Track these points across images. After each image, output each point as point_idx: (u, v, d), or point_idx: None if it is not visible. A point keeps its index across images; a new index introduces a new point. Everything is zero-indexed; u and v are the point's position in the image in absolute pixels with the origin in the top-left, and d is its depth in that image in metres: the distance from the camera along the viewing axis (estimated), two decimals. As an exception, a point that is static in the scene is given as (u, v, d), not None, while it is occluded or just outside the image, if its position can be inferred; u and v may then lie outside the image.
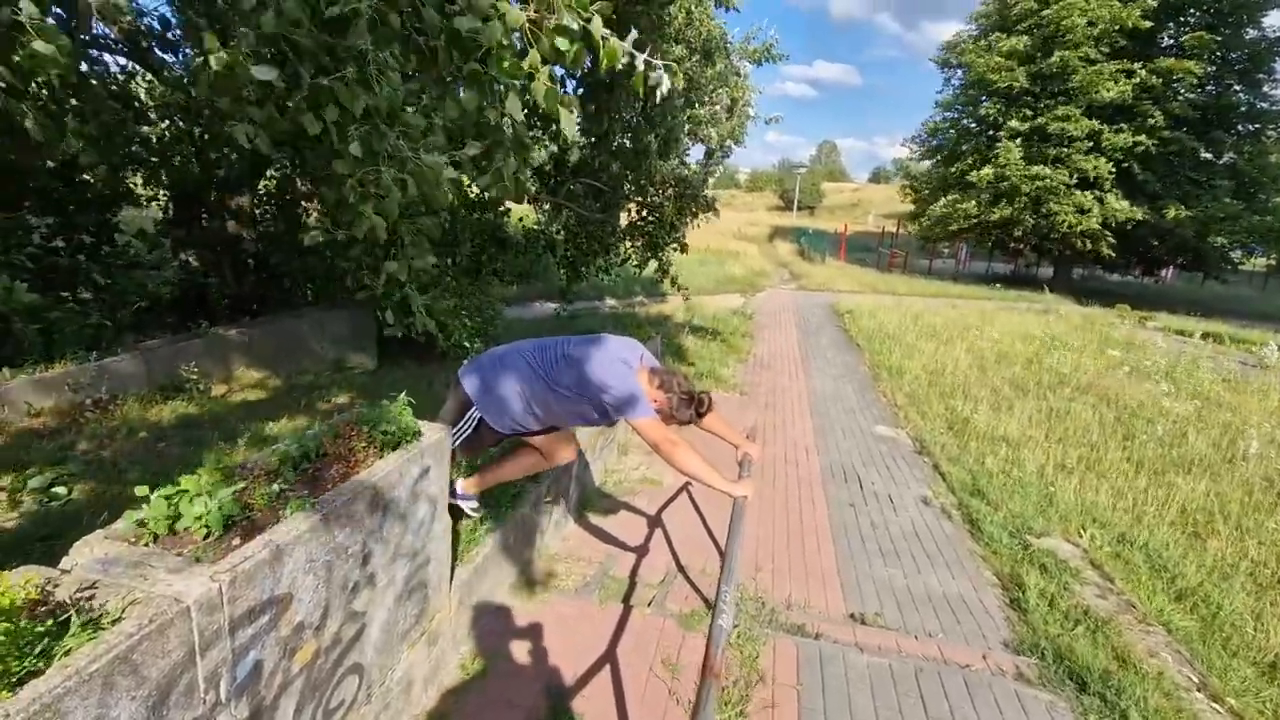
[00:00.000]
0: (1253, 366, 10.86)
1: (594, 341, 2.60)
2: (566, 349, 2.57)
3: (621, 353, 2.57)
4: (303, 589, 1.62)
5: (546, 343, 2.65)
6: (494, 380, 2.58)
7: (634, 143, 7.31)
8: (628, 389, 2.43)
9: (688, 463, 2.37)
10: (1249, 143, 23.23)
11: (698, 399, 2.54)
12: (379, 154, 2.00)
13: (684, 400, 2.51)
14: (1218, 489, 5.62)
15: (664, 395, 2.52)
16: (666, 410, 2.51)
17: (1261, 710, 3.04)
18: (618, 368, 2.48)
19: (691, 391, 2.53)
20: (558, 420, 2.67)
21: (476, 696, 2.44)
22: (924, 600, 3.64)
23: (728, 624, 1.52)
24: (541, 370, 2.53)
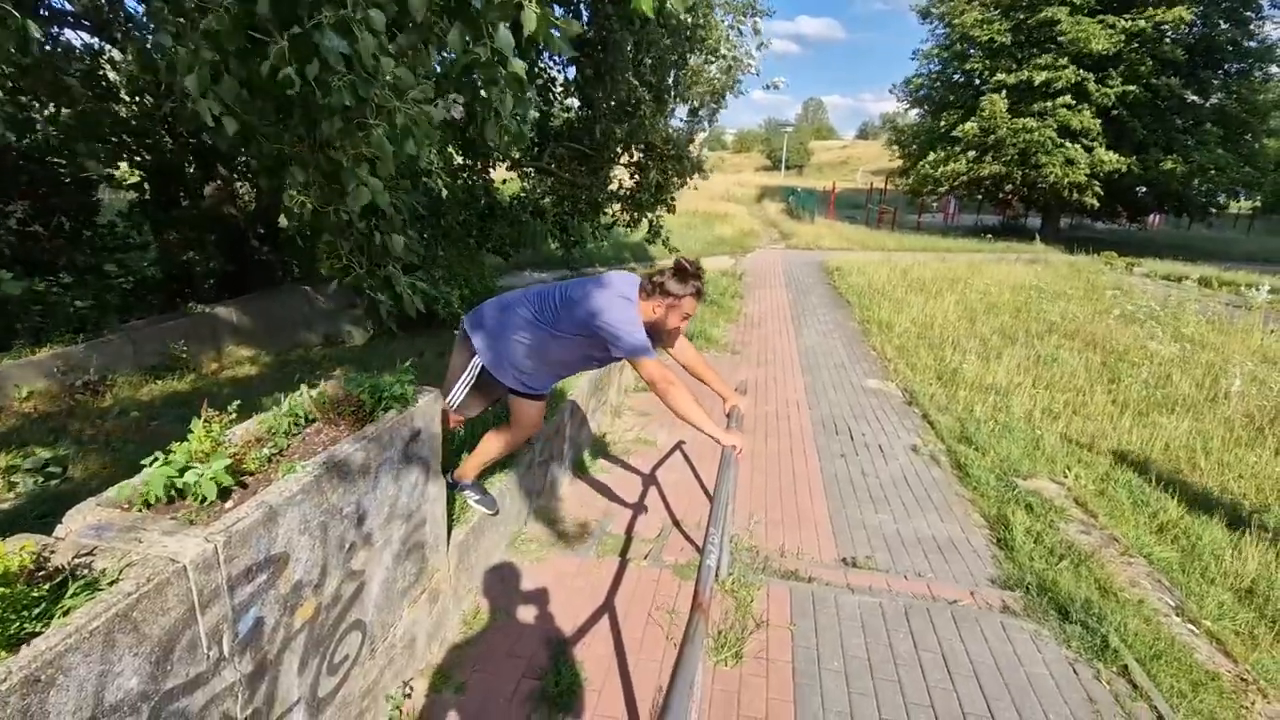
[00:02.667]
0: (1238, 308, 10.96)
1: (594, 281, 2.54)
2: (567, 291, 2.52)
3: (621, 288, 2.49)
4: (299, 548, 1.65)
5: (545, 289, 2.59)
6: (496, 328, 2.54)
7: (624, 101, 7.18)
8: (628, 326, 2.37)
9: (682, 403, 2.39)
10: (1236, 82, 22.99)
11: (686, 267, 2.45)
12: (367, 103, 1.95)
13: (675, 277, 2.43)
14: (1200, 427, 5.73)
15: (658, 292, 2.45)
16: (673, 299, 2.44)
17: (1237, 631, 3.16)
18: (619, 304, 2.41)
19: (677, 263, 2.46)
20: (562, 366, 2.64)
21: (479, 649, 2.51)
22: (914, 543, 3.73)
23: (714, 563, 1.56)
24: (543, 316, 2.49)
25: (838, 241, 20.48)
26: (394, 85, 1.96)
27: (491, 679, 2.37)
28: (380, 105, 2.05)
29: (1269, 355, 8.04)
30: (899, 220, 27.37)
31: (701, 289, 2.52)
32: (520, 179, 8.71)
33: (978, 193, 26.12)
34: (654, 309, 2.48)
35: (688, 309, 2.50)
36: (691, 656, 1.22)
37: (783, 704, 2.32)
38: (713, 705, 2.30)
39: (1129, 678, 2.55)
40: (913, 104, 28.52)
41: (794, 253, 18.58)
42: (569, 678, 2.33)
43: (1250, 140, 23.01)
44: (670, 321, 2.51)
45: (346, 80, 1.76)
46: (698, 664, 1.43)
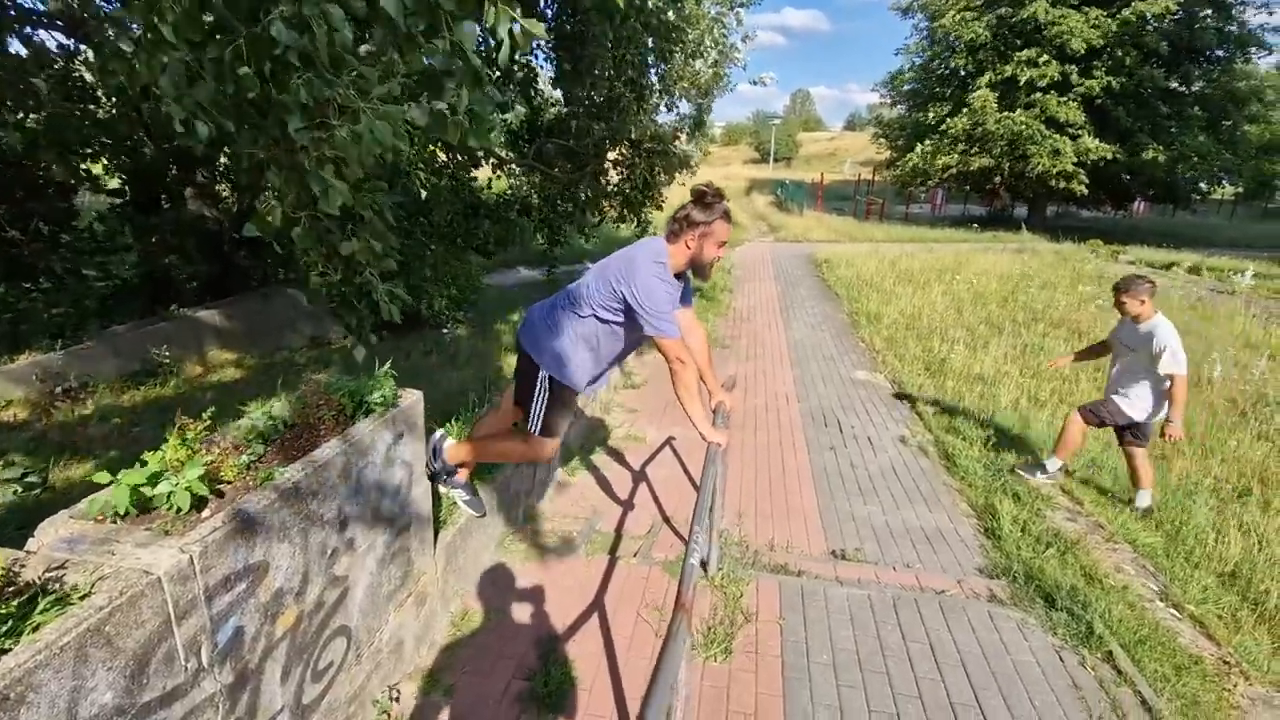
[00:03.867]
0: (1221, 293, 11.09)
1: (618, 255, 2.48)
2: (594, 267, 2.48)
3: (648, 251, 2.42)
4: (279, 556, 1.63)
5: (575, 283, 2.54)
6: (553, 336, 2.47)
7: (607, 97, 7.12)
8: (654, 298, 2.31)
9: (688, 386, 2.39)
10: (1218, 69, 23.19)
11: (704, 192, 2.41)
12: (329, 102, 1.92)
13: (699, 206, 2.37)
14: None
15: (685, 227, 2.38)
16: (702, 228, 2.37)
17: (1220, 615, 3.20)
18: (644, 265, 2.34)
19: (696, 193, 2.41)
20: (616, 355, 2.57)
21: (468, 651, 2.50)
22: (902, 534, 3.75)
23: (697, 561, 1.55)
24: (581, 302, 2.43)
25: (826, 234, 20.53)
26: (358, 84, 1.92)
27: (481, 680, 2.36)
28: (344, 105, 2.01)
29: (1251, 340, 8.14)
30: (887, 211, 27.45)
31: (728, 210, 2.45)
32: (507, 176, 8.64)
33: (965, 184, 26.23)
34: (687, 244, 2.41)
35: (720, 234, 2.43)
36: (673, 655, 1.22)
37: (772, 698, 2.33)
38: (702, 701, 2.31)
39: (1114, 663, 2.57)
40: (897, 100, 28.56)
41: (783, 245, 18.60)
42: (559, 677, 2.33)
43: (1231, 127, 23.22)
44: (707, 252, 2.44)
45: (304, 78, 1.73)
46: (680, 663, 1.43)
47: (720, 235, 2.43)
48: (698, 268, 2.50)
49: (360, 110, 2.00)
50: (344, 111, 2.02)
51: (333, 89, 1.88)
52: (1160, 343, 3.81)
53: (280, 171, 2.06)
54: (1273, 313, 9.66)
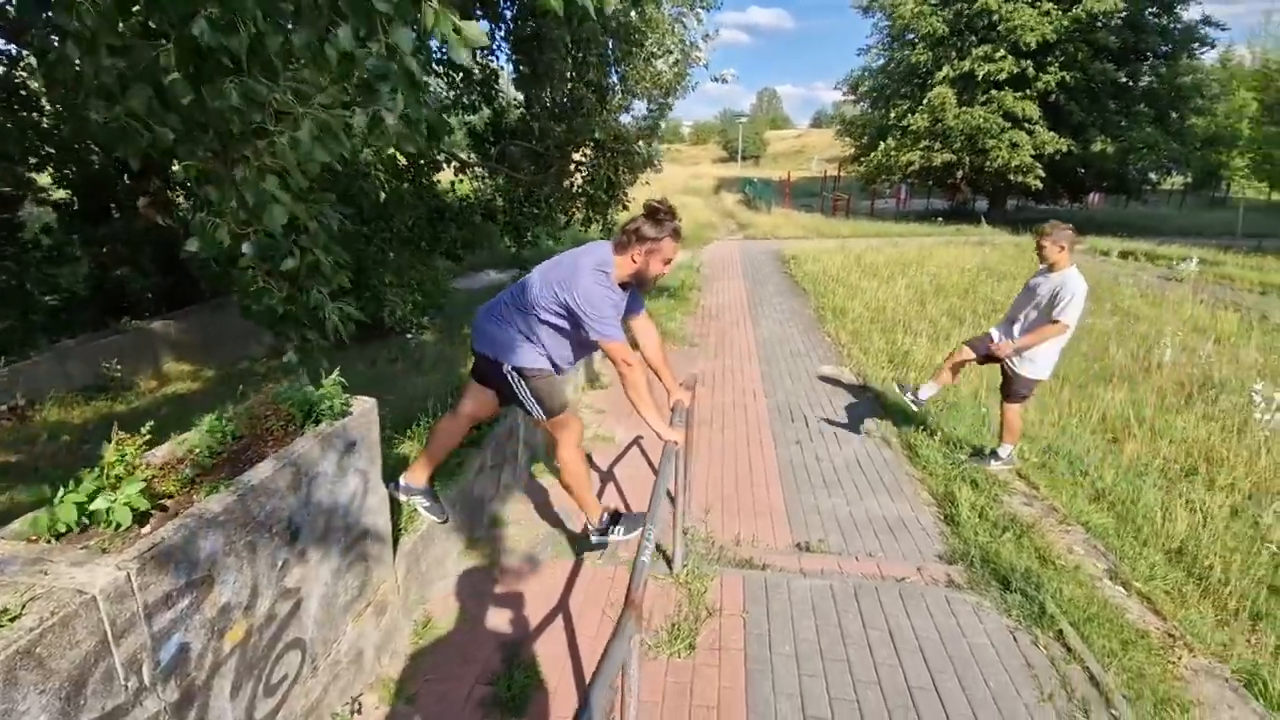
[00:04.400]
0: (1170, 280, 11.49)
1: (563, 258, 2.48)
2: (542, 268, 2.47)
3: (593, 258, 2.41)
4: (225, 570, 1.61)
5: (525, 277, 2.53)
6: (500, 331, 2.46)
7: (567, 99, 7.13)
8: (596, 304, 2.32)
9: (637, 387, 2.42)
10: (1163, 65, 24.04)
11: (657, 207, 2.41)
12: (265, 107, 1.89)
13: (650, 221, 2.37)
14: (1134, 396, 6.00)
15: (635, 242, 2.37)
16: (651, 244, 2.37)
17: (1167, 590, 3.33)
18: (585, 275, 2.34)
19: (648, 207, 2.41)
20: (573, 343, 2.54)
21: (431, 658, 2.49)
22: (865, 524, 3.82)
23: (648, 559, 1.57)
24: (523, 302, 2.43)
25: (794, 230, 20.75)
26: (296, 88, 1.90)
27: (444, 687, 2.35)
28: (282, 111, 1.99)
29: (1198, 324, 8.46)
30: (853, 207, 27.86)
31: (678, 229, 2.44)
32: (471, 179, 8.59)
33: (928, 179, 26.75)
34: (634, 258, 2.40)
35: (667, 252, 2.42)
36: (617, 652, 1.23)
37: (734, 691, 2.36)
38: (665, 697, 2.33)
39: (1064, 641, 2.66)
40: (859, 98, 29.00)
41: (751, 243, 18.76)
42: (522, 681, 2.33)
43: (1178, 119, 24.07)
44: (653, 268, 2.43)
45: (235, 82, 1.70)
46: (629, 660, 1.45)
47: (667, 253, 2.43)
48: (640, 282, 2.51)
49: (300, 116, 1.98)
50: (283, 117, 1.99)
51: (269, 93, 1.86)
52: (1067, 291, 3.85)
53: (221, 185, 2.03)
54: (1218, 297, 10.04)
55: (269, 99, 1.84)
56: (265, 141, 2.00)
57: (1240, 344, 7.57)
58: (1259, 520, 3.96)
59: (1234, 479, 4.44)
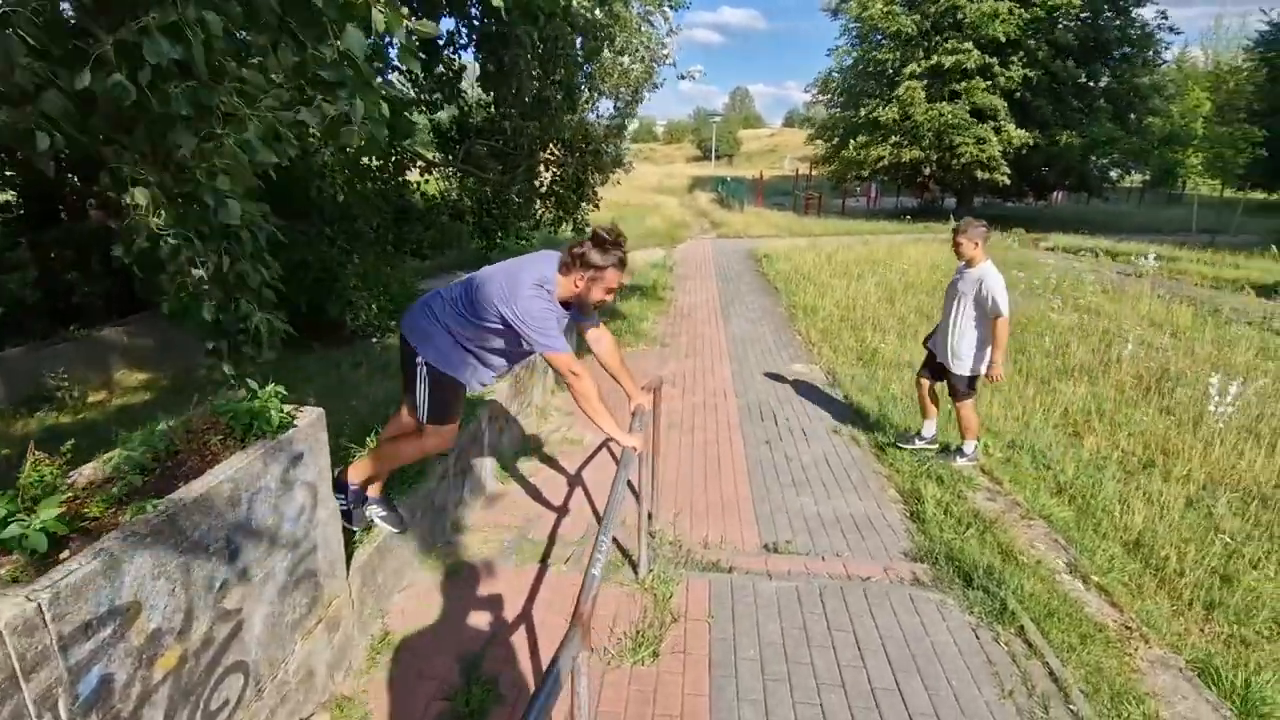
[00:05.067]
0: (1129, 275, 11.80)
1: (508, 265, 2.45)
2: (484, 275, 2.43)
3: (534, 273, 2.38)
4: (154, 594, 1.52)
5: (469, 277, 2.49)
6: (429, 325, 2.42)
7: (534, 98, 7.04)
8: (537, 319, 2.30)
9: (589, 398, 2.39)
10: (1121, 66, 24.75)
11: (604, 235, 2.37)
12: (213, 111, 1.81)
13: (597, 248, 2.34)
14: (1095, 390, 6.13)
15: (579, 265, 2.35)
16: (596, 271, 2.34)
17: (1125, 582, 3.39)
18: (526, 290, 2.32)
19: (597, 234, 2.38)
20: (502, 353, 2.52)
21: (387, 674, 2.42)
22: (833, 523, 3.83)
23: (599, 571, 1.53)
24: (462, 305, 2.39)
25: (767, 229, 20.89)
26: (243, 90, 1.83)
27: (399, 704, 2.28)
28: (230, 113, 1.91)
29: (1156, 319, 8.69)
30: (824, 206, 28.17)
31: (624, 258, 2.41)
32: (438, 179, 8.45)
33: (898, 177, 27.16)
34: (575, 282, 2.38)
35: (610, 281, 2.39)
36: (560, 671, 1.19)
37: (698, 698, 2.33)
38: (628, 705, 2.29)
39: (1025, 637, 2.68)
40: (830, 99, 29.32)
41: (724, 241, 18.84)
42: (480, 696, 2.27)
43: (1136, 120, 24.78)
44: (594, 295, 2.40)
45: (184, 87, 1.63)
46: (577, 677, 1.40)
47: (609, 282, 2.40)
48: (580, 305, 2.48)
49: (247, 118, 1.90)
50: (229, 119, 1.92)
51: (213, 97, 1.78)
52: (987, 287, 4.04)
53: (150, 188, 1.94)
54: (1175, 292, 10.33)
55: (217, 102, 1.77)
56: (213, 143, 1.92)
57: (1195, 338, 7.79)
58: (1212, 510, 4.06)
59: (1189, 470, 4.55)
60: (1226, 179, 22.96)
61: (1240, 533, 3.81)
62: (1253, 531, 3.83)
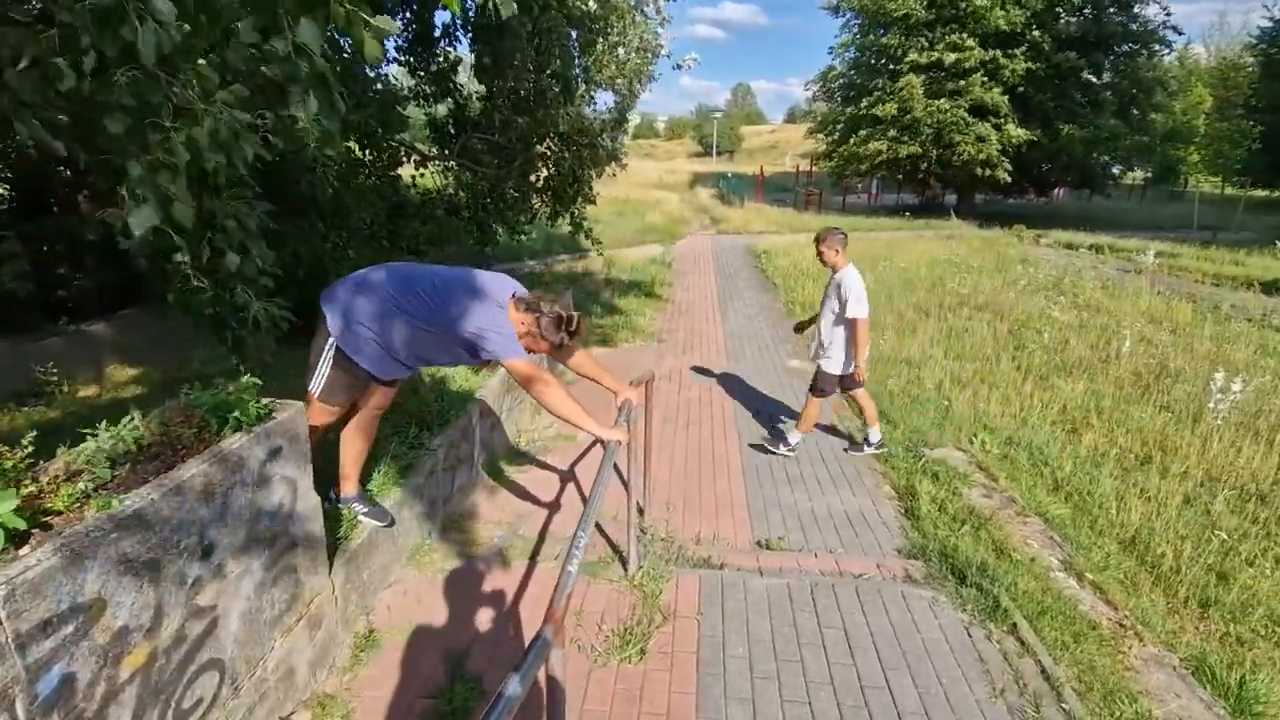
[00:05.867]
0: (1129, 272, 11.75)
1: (462, 278, 2.47)
2: (434, 282, 2.41)
3: (490, 289, 2.46)
4: (120, 591, 1.49)
5: (412, 273, 2.46)
6: (355, 311, 2.38)
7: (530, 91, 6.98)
8: (496, 329, 2.35)
9: (557, 402, 2.36)
10: (1125, 61, 24.63)
11: (566, 319, 2.47)
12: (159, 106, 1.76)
13: (553, 322, 2.44)
14: (1094, 387, 6.09)
15: (531, 318, 2.45)
16: (536, 333, 2.44)
17: (1121, 579, 3.36)
18: (487, 306, 2.39)
19: (560, 314, 2.46)
20: (423, 358, 2.54)
21: (371, 672, 2.39)
22: (826, 519, 3.80)
23: (575, 569, 1.50)
24: (405, 305, 2.36)
25: (766, 225, 20.82)
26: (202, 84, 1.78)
27: (382, 703, 2.25)
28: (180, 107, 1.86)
29: (1155, 315, 8.64)
30: (825, 202, 28.07)
31: (565, 345, 2.55)
32: (434, 173, 8.39)
33: (898, 173, 27.06)
34: (520, 323, 2.46)
35: (540, 349, 2.53)
36: (525, 674, 1.16)
37: (684, 696, 2.30)
38: (614, 704, 2.26)
39: (1018, 635, 2.65)
40: (830, 94, 29.21)
41: (724, 238, 18.77)
42: (463, 694, 2.24)
43: (1139, 116, 24.69)
44: (526, 344, 2.50)
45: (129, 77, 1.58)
46: (554, 677, 1.37)
47: (539, 349, 2.53)
48: None
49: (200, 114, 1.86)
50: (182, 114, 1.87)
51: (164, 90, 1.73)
52: (845, 289, 4.20)
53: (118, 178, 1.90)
54: (1174, 289, 10.28)
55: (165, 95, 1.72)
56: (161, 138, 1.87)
57: (1195, 334, 7.74)
58: (1210, 508, 4.02)
59: (1187, 467, 4.51)
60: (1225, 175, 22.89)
61: (1237, 530, 3.78)
62: (1250, 529, 3.79)
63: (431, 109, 7.86)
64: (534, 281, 10.54)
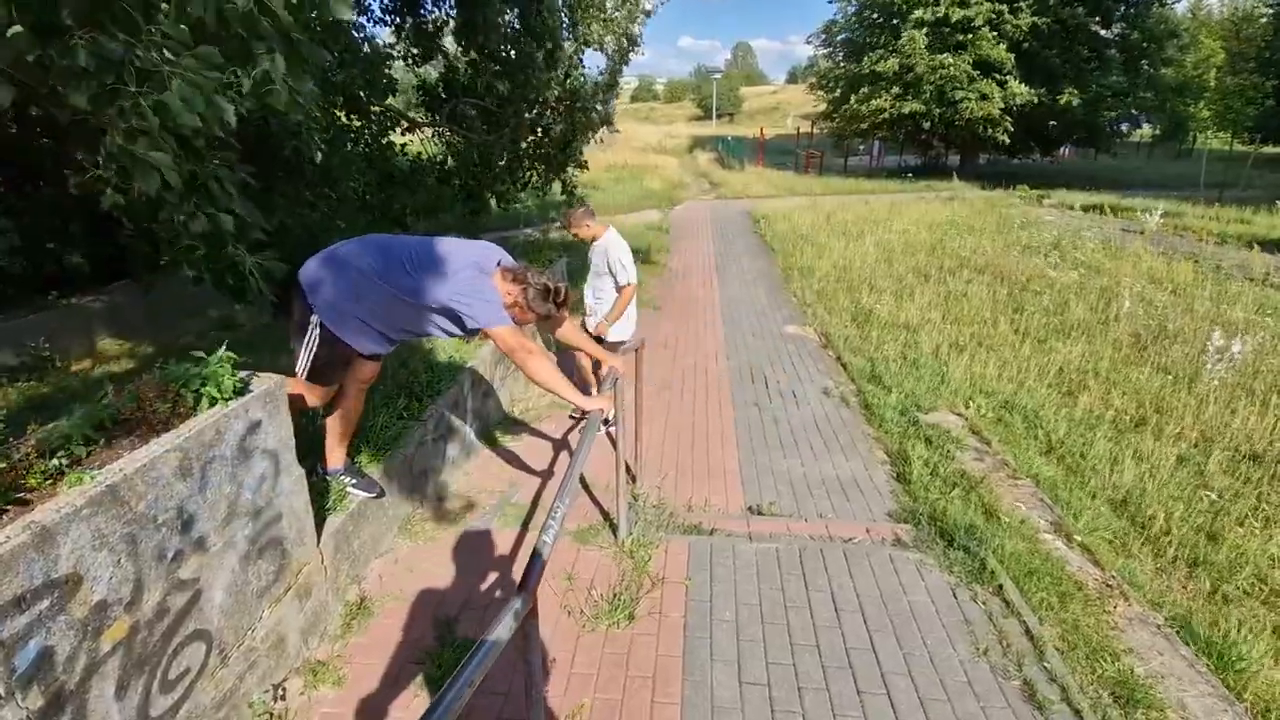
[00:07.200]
0: (1133, 232, 11.58)
1: (444, 246, 2.43)
2: (415, 252, 2.37)
3: (473, 257, 2.42)
4: (97, 566, 1.49)
5: (391, 244, 2.41)
6: (333, 287, 2.34)
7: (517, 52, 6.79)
8: (480, 296, 2.31)
9: (541, 371, 2.34)
10: (1136, 11, 23.86)
11: (554, 290, 2.44)
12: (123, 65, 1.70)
13: (540, 293, 2.41)
14: (1092, 349, 6.05)
15: (519, 289, 2.41)
16: (523, 303, 2.41)
17: (1110, 540, 3.38)
18: (469, 274, 2.35)
19: (547, 285, 2.43)
20: (408, 331, 2.51)
21: (363, 639, 2.42)
22: (818, 485, 3.81)
23: (551, 538, 1.49)
24: (386, 276, 2.32)
25: (767, 189, 20.52)
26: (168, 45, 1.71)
27: (374, 669, 2.28)
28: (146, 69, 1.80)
29: (1155, 276, 8.54)
30: (826, 164, 27.61)
31: (553, 315, 2.52)
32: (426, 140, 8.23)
33: (899, 133, 26.51)
34: (507, 293, 2.43)
35: (525, 319, 2.49)
36: (492, 646, 1.16)
37: (671, 659, 2.33)
38: (601, 669, 2.29)
39: (1003, 596, 2.67)
40: (832, 47, 28.45)
41: (723, 202, 18.52)
42: (452, 659, 2.27)
43: (1148, 68, 24.02)
44: (513, 314, 2.46)
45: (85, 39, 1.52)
46: (529, 648, 1.37)
47: (525, 319, 2.49)
48: None
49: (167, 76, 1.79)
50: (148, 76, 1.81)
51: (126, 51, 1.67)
52: (611, 257, 4.17)
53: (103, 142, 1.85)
54: (1177, 249, 10.15)
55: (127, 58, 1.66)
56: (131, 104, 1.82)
57: (1195, 294, 7.66)
58: (1203, 469, 4.03)
59: (1182, 428, 4.50)
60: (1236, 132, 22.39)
61: (1229, 490, 3.79)
62: (1242, 489, 3.80)
63: (421, 72, 7.67)
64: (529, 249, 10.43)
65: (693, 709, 2.14)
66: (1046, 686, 2.23)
